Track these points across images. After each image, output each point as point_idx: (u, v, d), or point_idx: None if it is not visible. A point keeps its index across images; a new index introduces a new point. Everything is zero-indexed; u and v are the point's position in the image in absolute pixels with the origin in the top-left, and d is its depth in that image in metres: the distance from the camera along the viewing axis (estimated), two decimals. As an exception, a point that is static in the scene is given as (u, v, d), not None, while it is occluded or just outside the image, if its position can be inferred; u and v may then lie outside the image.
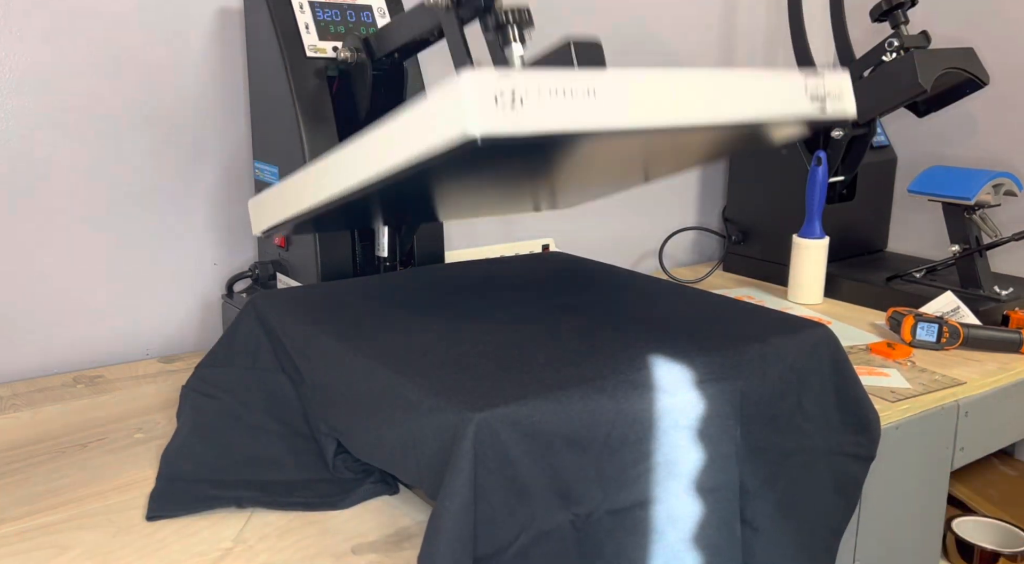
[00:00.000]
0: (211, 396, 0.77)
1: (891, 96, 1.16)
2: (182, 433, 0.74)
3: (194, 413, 0.76)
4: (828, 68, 0.80)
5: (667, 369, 0.66)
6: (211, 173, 1.05)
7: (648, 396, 0.63)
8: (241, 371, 0.78)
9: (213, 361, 0.79)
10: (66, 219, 0.96)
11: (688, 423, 0.65)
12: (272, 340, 0.78)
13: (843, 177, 1.31)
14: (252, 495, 0.67)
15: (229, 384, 0.77)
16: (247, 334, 0.79)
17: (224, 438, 0.73)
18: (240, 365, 0.78)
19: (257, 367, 0.77)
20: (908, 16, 1.16)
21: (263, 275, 1.01)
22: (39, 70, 0.92)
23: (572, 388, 0.61)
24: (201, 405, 0.76)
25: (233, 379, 0.77)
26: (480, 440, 0.55)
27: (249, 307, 0.81)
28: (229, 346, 0.79)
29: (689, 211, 1.54)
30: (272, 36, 0.89)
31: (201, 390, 0.78)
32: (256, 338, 0.78)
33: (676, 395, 0.65)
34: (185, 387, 0.78)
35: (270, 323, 0.78)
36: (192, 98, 1.02)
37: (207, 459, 0.71)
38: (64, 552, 0.62)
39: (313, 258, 0.91)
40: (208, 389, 0.77)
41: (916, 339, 1.04)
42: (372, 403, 0.65)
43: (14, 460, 0.76)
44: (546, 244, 1.34)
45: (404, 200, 0.77)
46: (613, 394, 0.62)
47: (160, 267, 1.03)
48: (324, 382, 0.71)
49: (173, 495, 0.68)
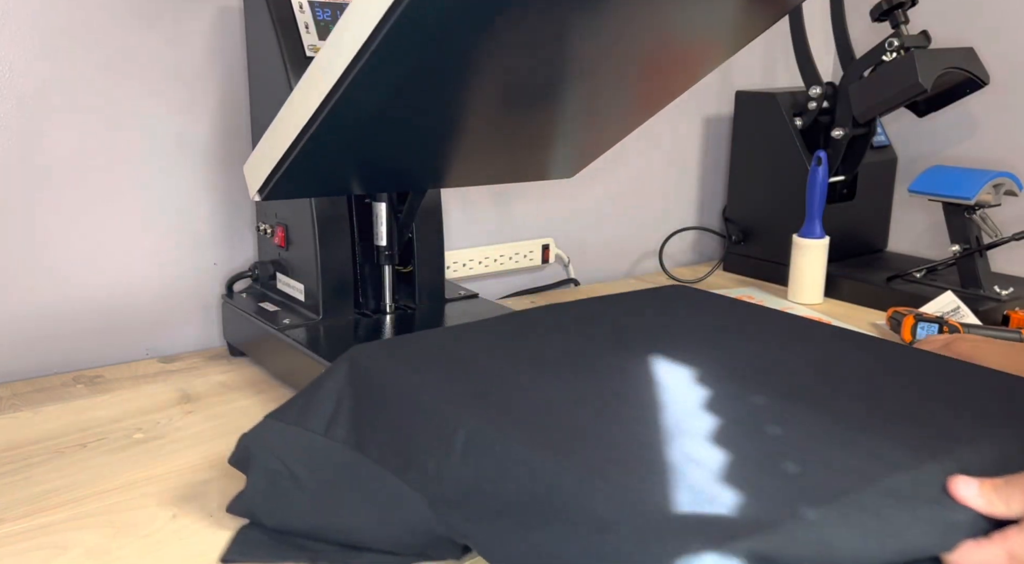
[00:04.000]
0: (276, 455, 0.64)
1: (891, 96, 1.16)
2: (250, 490, 0.65)
3: (262, 471, 0.65)
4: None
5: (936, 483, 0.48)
6: (211, 173, 1.05)
7: (922, 524, 0.46)
8: (312, 435, 0.64)
9: (285, 415, 0.66)
10: (66, 218, 0.96)
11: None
12: (365, 407, 0.64)
13: (843, 177, 1.31)
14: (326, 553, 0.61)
15: (293, 447, 0.64)
16: (329, 392, 0.66)
17: (288, 504, 0.63)
18: (312, 429, 0.65)
19: (330, 436, 0.64)
20: (908, 16, 1.16)
21: (263, 275, 1.01)
22: (36, 75, 0.92)
23: (825, 505, 0.45)
24: (268, 464, 0.65)
25: (300, 443, 0.64)
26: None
27: (343, 363, 0.67)
28: (307, 403, 0.66)
29: (689, 211, 1.53)
30: (272, 36, 0.89)
31: (267, 444, 0.65)
32: (338, 400, 0.65)
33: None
34: (246, 436, 0.67)
35: (373, 389, 0.64)
36: (192, 97, 1.02)
37: (280, 520, 0.63)
38: (63, 552, 0.62)
39: (313, 257, 0.91)
40: (271, 444, 0.65)
41: (916, 339, 1.04)
42: (532, 507, 0.49)
43: (13, 460, 0.76)
44: (546, 244, 1.34)
45: (391, 130, 0.74)
46: (878, 512, 0.45)
47: (160, 267, 1.03)
48: (461, 473, 0.54)
49: (248, 545, 0.62)
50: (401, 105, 0.71)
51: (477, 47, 0.66)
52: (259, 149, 0.76)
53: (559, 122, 0.89)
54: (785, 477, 0.48)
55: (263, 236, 1.01)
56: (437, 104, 0.74)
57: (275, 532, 0.62)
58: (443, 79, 0.69)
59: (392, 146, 0.79)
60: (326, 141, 0.70)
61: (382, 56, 0.59)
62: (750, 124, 1.39)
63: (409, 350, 0.69)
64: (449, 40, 0.62)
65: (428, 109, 0.74)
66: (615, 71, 0.81)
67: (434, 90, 0.71)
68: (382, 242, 0.94)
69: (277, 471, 0.63)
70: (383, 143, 0.78)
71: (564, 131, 0.92)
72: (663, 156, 1.47)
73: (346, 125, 0.70)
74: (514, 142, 0.89)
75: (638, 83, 0.86)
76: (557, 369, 0.64)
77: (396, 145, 0.79)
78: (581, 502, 0.47)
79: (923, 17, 1.24)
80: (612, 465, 0.49)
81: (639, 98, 0.90)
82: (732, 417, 0.56)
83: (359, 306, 0.96)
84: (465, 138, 0.84)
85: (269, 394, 0.91)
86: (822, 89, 1.26)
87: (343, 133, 0.71)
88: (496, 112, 0.81)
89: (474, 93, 0.75)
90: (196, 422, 0.84)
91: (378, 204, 0.94)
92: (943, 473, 0.49)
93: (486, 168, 0.94)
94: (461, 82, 0.72)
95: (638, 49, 0.78)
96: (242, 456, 0.67)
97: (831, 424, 0.55)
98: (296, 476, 0.63)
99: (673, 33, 0.78)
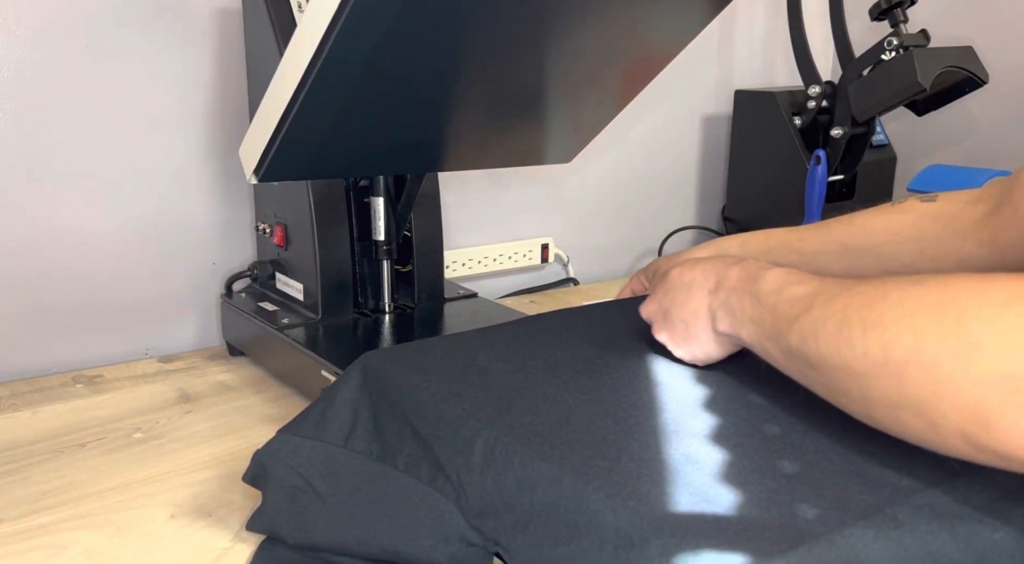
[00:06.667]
0: (295, 470, 0.63)
1: (890, 95, 1.16)
2: (270, 507, 0.64)
3: (281, 487, 0.63)
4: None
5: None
6: (210, 173, 1.05)
7: (959, 542, 0.45)
8: (331, 448, 0.63)
9: (300, 429, 0.65)
10: (65, 217, 0.96)
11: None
12: (384, 417, 0.63)
13: (842, 176, 1.31)
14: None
15: (312, 461, 0.63)
16: (344, 403, 0.65)
17: (307, 519, 0.62)
18: (331, 441, 0.63)
19: (350, 448, 0.63)
20: (907, 15, 1.16)
21: (262, 275, 1.01)
22: (35, 75, 0.92)
23: (852, 527, 0.43)
24: (287, 479, 0.63)
25: (319, 456, 0.63)
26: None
27: (355, 371, 0.66)
28: (323, 415, 0.65)
29: (689, 210, 1.53)
30: (271, 36, 0.89)
31: (285, 459, 0.64)
32: (355, 411, 0.64)
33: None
34: (260, 452, 0.66)
35: (390, 399, 0.63)
36: (192, 98, 1.02)
37: (303, 536, 0.62)
38: (63, 552, 0.62)
39: (312, 257, 0.91)
40: (289, 459, 0.64)
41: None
42: (558, 521, 0.49)
43: (13, 460, 0.76)
44: (545, 243, 1.34)
45: (382, 106, 0.73)
46: (914, 529, 0.44)
47: (159, 267, 1.03)
48: (483, 483, 0.54)
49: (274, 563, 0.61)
50: (388, 72, 0.70)
51: (455, 14, 0.66)
52: (252, 129, 0.76)
53: (547, 105, 0.88)
54: (819, 493, 0.47)
55: (262, 236, 1.01)
56: (424, 75, 0.73)
57: (298, 548, 0.61)
58: (425, 47, 0.68)
59: (384, 124, 0.78)
60: (316, 109, 0.69)
61: (362, 10, 0.59)
62: (749, 123, 1.39)
63: (422, 357, 0.68)
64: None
65: (415, 79, 0.73)
66: (590, 59, 0.82)
67: (419, 58, 0.70)
68: (380, 237, 0.94)
69: (297, 487, 0.62)
70: (375, 120, 0.77)
71: (553, 114, 0.91)
72: (663, 156, 1.47)
73: (335, 91, 0.69)
74: (506, 124, 0.88)
75: (612, 70, 0.87)
76: (574, 377, 0.63)
77: (388, 124, 0.78)
78: (608, 518, 0.46)
79: (922, 16, 1.24)
80: (639, 481, 0.48)
81: (616, 84, 0.91)
82: (756, 431, 0.55)
83: (358, 306, 0.96)
84: (457, 119, 0.84)
85: (268, 394, 0.91)
86: (821, 88, 1.26)
87: (333, 100, 0.69)
88: (482, 91, 0.80)
89: (457, 68, 0.75)
90: (195, 422, 0.84)
91: (376, 199, 0.94)
92: (981, 489, 0.47)
93: (482, 151, 0.93)
94: (443, 53, 0.71)
95: (607, 40, 0.79)
96: (257, 473, 0.66)
97: (862, 437, 0.52)
98: (317, 490, 0.61)
99: (630, 28, 0.80)
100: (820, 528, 0.43)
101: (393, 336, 0.92)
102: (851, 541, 0.43)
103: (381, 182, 0.94)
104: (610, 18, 0.76)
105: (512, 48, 0.75)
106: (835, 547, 0.42)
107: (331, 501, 0.61)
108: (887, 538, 0.43)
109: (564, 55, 0.79)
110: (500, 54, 0.75)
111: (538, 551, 0.49)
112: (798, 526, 0.44)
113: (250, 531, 0.64)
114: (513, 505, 0.52)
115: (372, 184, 0.94)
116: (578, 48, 0.79)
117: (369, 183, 0.95)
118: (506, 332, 0.75)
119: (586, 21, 0.75)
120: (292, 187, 0.93)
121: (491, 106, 0.84)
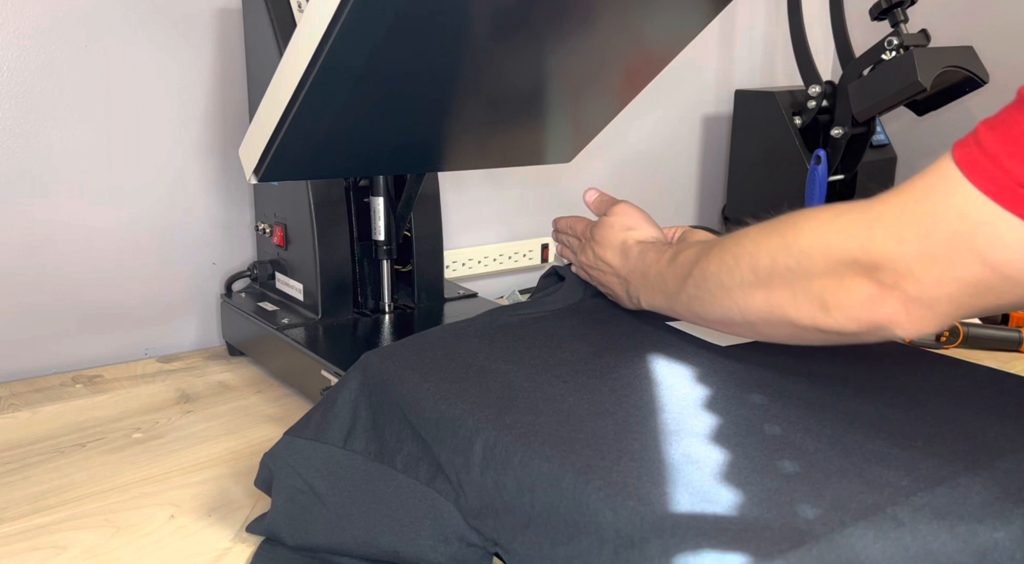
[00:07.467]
0: (295, 471, 0.63)
1: (891, 94, 1.16)
2: (275, 511, 0.63)
3: (282, 489, 0.63)
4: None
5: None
6: (210, 173, 1.05)
7: (959, 542, 0.44)
8: (330, 449, 0.63)
9: (303, 431, 0.65)
10: (64, 217, 0.96)
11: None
12: (383, 417, 0.63)
13: (843, 176, 1.31)
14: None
15: (311, 462, 0.63)
16: (344, 403, 0.65)
17: (310, 522, 0.62)
18: (331, 442, 0.64)
19: (348, 448, 0.63)
20: (907, 15, 1.16)
21: (262, 275, 1.01)
22: (35, 75, 0.92)
23: (853, 527, 0.43)
24: (288, 481, 0.63)
25: (319, 457, 0.63)
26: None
27: (356, 371, 0.66)
28: (324, 416, 0.65)
29: (689, 211, 1.53)
30: (271, 36, 0.89)
31: (287, 461, 0.64)
32: (354, 411, 0.64)
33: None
34: (267, 456, 0.66)
35: (389, 399, 0.63)
36: (192, 99, 1.02)
37: (302, 538, 0.62)
38: (62, 552, 0.62)
39: (312, 257, 0.91)
40: (290, 461, 0.64)
41: (916, 338, 1.04)
42: (558, 521, 0.49)
43: (12, 460, 0.76)
44: (545, 243, 1.34)
45: (379, 105, 0.73)
46: (914, 529, 0.44)
47: (159, 266, 1.03)
48: (482, 483, 0.54)
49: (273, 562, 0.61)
50: (388, 71, 0.70)
51: (455, 14, 0.66)
52: (252, 129, 0.76)
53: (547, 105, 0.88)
54: (819, 493, 0.47)
55: (262, 236, 1.01)
56: (424, 74, 0.72)
57: (298, 548, 0.61)
58: (425, 47, 0.68)
59: (384, 124, 0.78)
60: (316, 109, 0.69)
61: (362, 10, 0.59)
62: (749, 123, 1.39)
63: (422, 356, 0.67)
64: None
65: (415, 78, 0.72)
66: (590, 59, 0.82)
67: (419, 58, 0.70)
68: (380, 236, 0.94)
69: (297, 488, 0.62)
70: (375, 120, 0.77)
71: (553, 114, 0.91)
72: (663, 155, 1.47)
73: (335, 91, 0.69)
74: (506, 124, 0.88)
75: (612, 70, 0.87)
76: (574, 377, 0.63)
77: (388, 124, 0.78)
78: (608, 518, 0.46)
79: (922, 16, 1.24)
80: (639, 481, 0.48)
81: (616, 84, 0.91)
82: (756, 431, 0.55)
83: (358, 306, 0.96)
84: (457, 118, 0.83)
85: (268, 393, 0.91)
86: (821, 88, 1.26)
87: (333, 100, 0.69)
88: (482, 91, 0.80)
89: (457, 68, 0.74)
90: (195, 422, 0.84)
91: (376, 199, 0.94)
92: (982, 488, 0.47)
93: (482, 151, 0.93)
94: (443, 53, 0.71)
95: (607, 40, 0.80)
96: (265, 476, 0.66)
97: (863, 436, 0.53)
98: (316, 491, 0.61)
99: (631, 28, 0.80)
100: (820, 528, 0.43)
101: (393, 336, 0.92)
102: (851, 541, 0.43)
103: (381, 182, 0.94)
104: (610, 18, 0.76)
105: (512, 48, 0.75)
106: (835, 547, 0.42)
107: (330, 502, 0.61)
108: (887, 538, 0.43)
109: (564, 55, 0.80)
110: (500, 54, 0.75)
111: (538, 551, 0.49)
112: (798, 526, 0.43)
113: (251, 533, 0.64)
114: (513, 505, 0.52)
115: (372, 184, 0.94)
116: (578, 48, 0.79)
117: (369, 183, 0.95)
118: (505, 330, 0.75)
119: (586, 21, 0.75)
120: (292, 187, 0.93)
121: (491, 106, 0.84)
